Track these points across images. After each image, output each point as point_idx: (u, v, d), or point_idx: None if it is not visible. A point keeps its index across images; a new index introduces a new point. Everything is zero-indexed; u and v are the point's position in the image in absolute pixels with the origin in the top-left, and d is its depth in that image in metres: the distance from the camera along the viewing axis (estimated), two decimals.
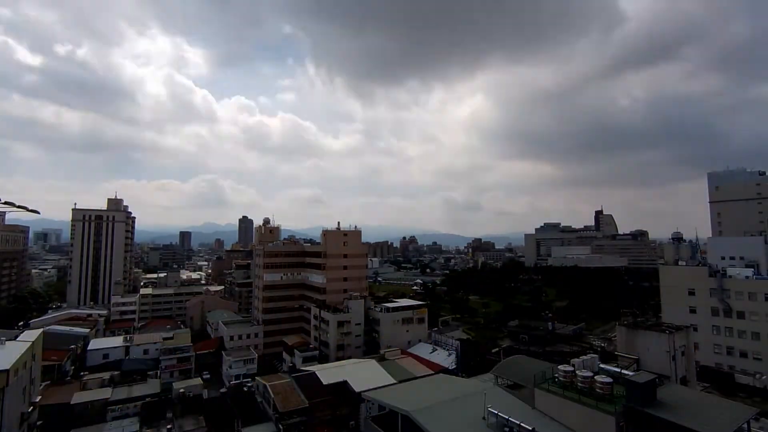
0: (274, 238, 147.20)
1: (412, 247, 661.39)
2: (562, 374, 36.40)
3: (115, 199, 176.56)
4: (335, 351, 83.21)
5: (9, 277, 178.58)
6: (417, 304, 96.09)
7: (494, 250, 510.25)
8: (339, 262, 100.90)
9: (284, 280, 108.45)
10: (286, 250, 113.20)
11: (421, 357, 76.16)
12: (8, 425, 34.46)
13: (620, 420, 31.20)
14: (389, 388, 48.09)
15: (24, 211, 50.70)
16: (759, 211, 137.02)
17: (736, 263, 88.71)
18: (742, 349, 70.90)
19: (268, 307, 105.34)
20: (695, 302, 76.53)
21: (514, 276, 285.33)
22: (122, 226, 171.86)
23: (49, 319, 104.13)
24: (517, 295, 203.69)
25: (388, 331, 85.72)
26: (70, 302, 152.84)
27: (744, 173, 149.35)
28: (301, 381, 58.88)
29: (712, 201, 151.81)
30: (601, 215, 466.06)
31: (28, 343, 42.42)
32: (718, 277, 74.38)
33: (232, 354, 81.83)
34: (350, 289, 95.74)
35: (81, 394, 57.93)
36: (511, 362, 55.15)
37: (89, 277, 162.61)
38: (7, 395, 33.85)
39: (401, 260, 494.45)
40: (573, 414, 33.47)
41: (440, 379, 51.64)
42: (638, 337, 52.19)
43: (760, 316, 69.55)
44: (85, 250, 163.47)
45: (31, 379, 42.98)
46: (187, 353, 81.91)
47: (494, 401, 34.85)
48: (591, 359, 41.26)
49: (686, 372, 50.63)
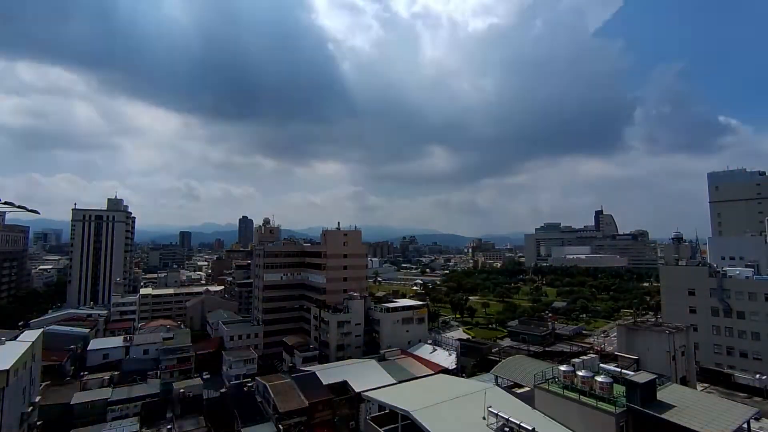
0: (274, 238, 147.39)
1: (412, 247, 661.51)
2: (562, 374, 36.39)
3: (115, 199, 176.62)
4: (335, 351, 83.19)
5: (9, 277, 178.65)
6: (417, 304, 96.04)
7: (494, 250, 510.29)
8: (339, 262, 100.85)
9: (284, 280, 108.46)
10: (286, 250, 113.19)
11: (421, 357, 76.14)
12: (8, 425, 34.46)
13: (620, 420, 31.19)
14: (389, 388, 48.05)
15: (24, 211, 50.74)
16: (759, 211, 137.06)
17: (736, 263, 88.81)
18: (742, 349, 70.86)
19: (268, 307, 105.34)
20: (695, 302, 76.43)
21: (514, 276, 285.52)
22: (122, 226, 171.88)
23: (49, 319, 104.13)
24: (517, 295, 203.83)
25: (388, 331, 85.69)
26: (70, 302, 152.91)
27: (744, 173, 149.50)
28: (301, 381, 58.86)
29: (712, 201, 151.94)
30: (601, 215, 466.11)
31: (28, 344, 42.45)
32: (718, 277, 74.30)
33: (232, 354, 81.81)
34: (350, 289, 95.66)
35: (81, 395, 57.89)
36: (511, 362, 55.23)
37: (89, 277, 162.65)
38: (7, 395, 33.86)
39: (401, 260, 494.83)
40: (573, 414, 33.46)
41: (440, 379, 51.65)
42: (638, 337, 52.23)
43: (760, 316, 69.49)
44: (85, 250, 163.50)
45: (31, 379, 43.00)
46: (187, 353, 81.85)
47: (494, 401, 34.84)
48: (591, 359, 41.32)
49: (686, 372, 50.65)
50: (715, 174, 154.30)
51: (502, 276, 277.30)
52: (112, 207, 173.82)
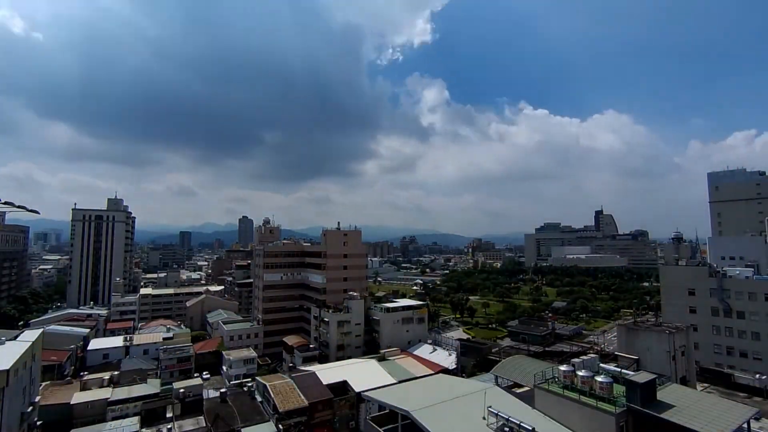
0: (274, 238, 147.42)
1: (412, 247, 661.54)
2: (562, 374, 36.39)
3: (115, 199, 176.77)
4: (335, 351, 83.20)
5: (9, 277, 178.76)
6: (417, 304, 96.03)
7: (494, 250, 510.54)
8: (339, 262, 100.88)
9: (284, 280, 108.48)
10: (286, 250, 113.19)
11: (421, 357, 76.13)
12: (8, 425, 34.46)
13: (620, 420, 31.21)
14: (389, 388, 48.02)
15: (24, 211, 50.82)
16: (759, 211, 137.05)
17: (736, 263, 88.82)
18: (742, 349, 70.86)
19: (268, 307, 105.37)
20: (695, 302, 76.44)
21: (514, 276, 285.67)
22: (122, 226, 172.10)
23: (49, 319, 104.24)
24: (517, 295, 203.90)
25: (388, 331, 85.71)
26: (70, 302, 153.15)
27: (744, 173, 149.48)
28: (301, 381, 58.83)
29: (712, 201, 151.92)
30: (601, 215, 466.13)
31: (28, 343, 42.43)
32: (718, 277, 74.30)
33: (232, 354, 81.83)
34: (350, 289, 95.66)
35: (81, 394, 57.83)
36: (511, 362, 55.29)
37: (89, 277, 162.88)
38: (7, 395, 33.84)
39: (401, 260, 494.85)
40: (573, 414, 33.46)
41: (440, 379, 51.61)
42: (638, 337, 52.25)
43: (760, 316, 69.50)
44: (85, 250, 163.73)
45: (31, 379, 43.02)
46: (187, 353, 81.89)
47: (494, 401, 34.82)
48: (591, 359, 41.34)
49: (686, 372, 50.66)
50: (715, 174, 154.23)
51: (502, 276, 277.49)
52: (112, 207, 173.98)
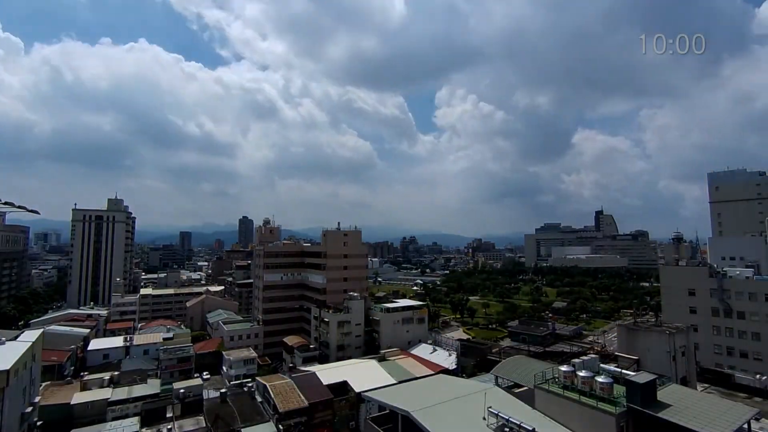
0: (275, 239, 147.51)
1: (412, 248, 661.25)
2: (563, 374, 36.37)
3: (115, 199, 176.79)
4: (335, 351, 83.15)
5: (9, 277, 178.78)
6: (417, 305, 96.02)
7: (494, 250, 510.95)
8: (339, 262, 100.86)
9: (284, 280, 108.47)
10: (286, 251, 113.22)
11: (421, 357, 76.06)
12: (8, 425, 34.47)
13: (621, 420, 31.18)
14: (389, 388, 47.99)
15: (24, 211, 50.83)
16: (759, 211, 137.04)
17: (737, 263, 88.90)
18: (743, 350, 70.85)
19: (268, 307, 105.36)
20: (695, 302, 76.44)
21: (514, 276, 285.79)
22: (122, 226, 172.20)
23: (49, 319, 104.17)
24: (517, 296, 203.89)
25: (388, 332, 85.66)
26: (70, 302, 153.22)
27: (744, 173, 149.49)
28: (301, 381, 58.82)
29: (712, 201, 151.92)
30: (601, 215, 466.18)
31: (28, 344, 42.46)
32: (719, 278, 74.30)
33: (232, 354, 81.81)
34: (350, 290, 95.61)
35: (81, 395, 57.82)
36: (511, 362, 55.18)
37: (89, 277, 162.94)
38: (7, 395, 33.86)
39: (401, 260, 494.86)
40: (573, 414, 33.44)
41: (440, 379, 51.54)
42: (638, 337, 52.25)
43: (760, 316, 69.51)
44: (85, 250, 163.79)
45: (31, 380, 43.03)
46: (187, 353, 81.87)
47: (494, 401, 34.79)
48: (591, 359, 41.29)
49: (686, 372, 50.66)
50: (715, 174, 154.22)
51: (502, 276, 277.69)
52: (113, 207, 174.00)
